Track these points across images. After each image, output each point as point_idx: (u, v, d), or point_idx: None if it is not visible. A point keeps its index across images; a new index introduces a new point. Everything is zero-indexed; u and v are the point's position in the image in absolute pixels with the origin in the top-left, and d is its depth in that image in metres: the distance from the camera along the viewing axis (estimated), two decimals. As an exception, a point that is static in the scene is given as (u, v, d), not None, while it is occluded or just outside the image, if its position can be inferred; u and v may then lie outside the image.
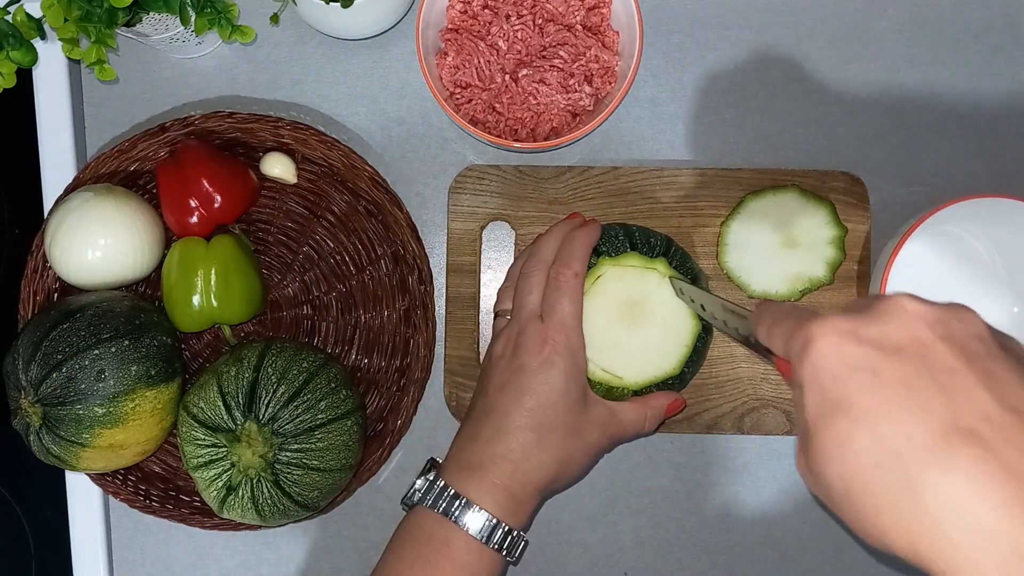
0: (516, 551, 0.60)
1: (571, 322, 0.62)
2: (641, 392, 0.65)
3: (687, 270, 0.67)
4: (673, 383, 0.66)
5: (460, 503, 0.58)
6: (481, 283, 0.74)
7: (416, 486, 0.62)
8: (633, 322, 0.65)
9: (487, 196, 0.74)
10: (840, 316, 0.41)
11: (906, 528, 0.37)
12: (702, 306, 0.63)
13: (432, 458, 0.65)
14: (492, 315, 0.71)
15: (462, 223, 0.74)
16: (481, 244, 0.74)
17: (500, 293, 0.69)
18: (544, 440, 0.60)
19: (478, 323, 0.74)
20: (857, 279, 0.74)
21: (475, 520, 0.58)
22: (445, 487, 0.59)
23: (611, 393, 0.65)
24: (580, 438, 0.61)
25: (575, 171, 0.74)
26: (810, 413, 0.41)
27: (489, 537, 0.58)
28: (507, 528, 0.58)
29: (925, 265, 0.73)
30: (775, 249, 0.72)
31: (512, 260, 0.74)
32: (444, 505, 0.58)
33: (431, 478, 0.61)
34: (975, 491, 0.35)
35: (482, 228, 0.74)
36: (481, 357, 0.74)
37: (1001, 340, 0.40)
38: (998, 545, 0.34)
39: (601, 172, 0.74)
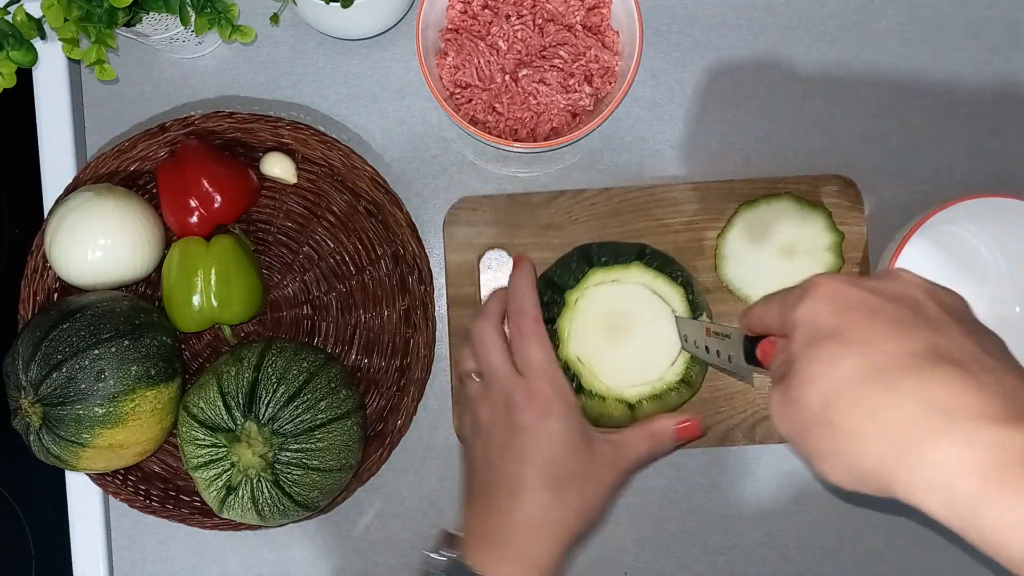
0: None
1: (550, 368, 0.61)
2: (636, 408, 0.66)
3: (672, 271, 0.67)
4: (680, 389, 0.67)
5: None
6: None
7: (439, 565, 0.58)
8: (619, 336, 0.67)
9: (481, 226, 0.74)
10: (841, 274, 0.44)
11: (879, 441, 0.38)
12: (685, 337, 0.64)
13: (447, 532, 0.61)
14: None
15: (459, 255, 0.74)
16: (480, 274, 0.74)
17: (459, 356, 0.66)
18: (559, 497, 0.57)
19: None
20: None
21: None
22: (465, 568, 0.56)
23: (604, 406, 0.66)
24: (593, 482, 0.59)
25: (567, 195, 0.74)
26: (798, 346, 0.43)
27: None
28: None
29: (927, 265, 0.73)
30: (773, 259, 0.72)
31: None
32: None
33: (454, 557, 0.57)
34: (953, 398, 0.37)
35: (479, 258, 0.74)
36: None
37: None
38: (971, 450, 0.36)
39: (594, 194, 0.74)
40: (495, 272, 0.75)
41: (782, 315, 0.46)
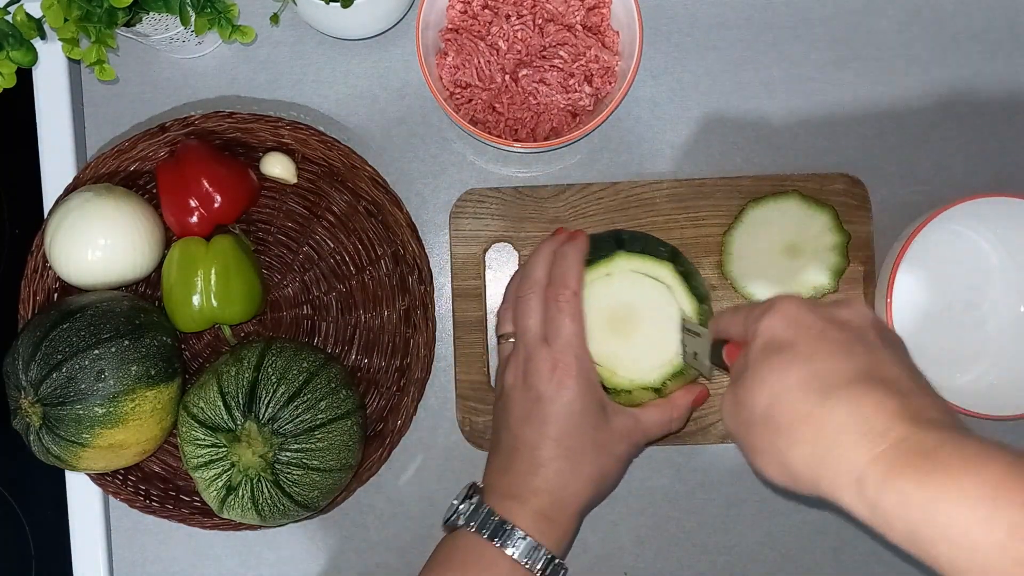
0: None
1: (576, 341, 0.62)
2: (661, 389, 0.65)
3: (655, 251, 0.66)
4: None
5: (506, 528, 0.59)
6: (488, 306, 0.74)
7: (459, 509, 0.61)
8: (626, 329, 0.66)
9: (488, 219, 0.74)
10: (802, 298, 0.51)
11: (809, 442, 0.44)
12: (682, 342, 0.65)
13: (473, 483, 0.64)
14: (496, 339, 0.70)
15: (465, 247, 0.74)
16: (485, 267, 0.74)
17: (500, 315, 0.68)
18: (576, 466, 0.60)
19: (487, 346, 0.74)
20: (863, 281, 0.73)
21: (520, 545, 0.58)
22: (491, 512, 0.59)
23: (631, 397, 0.65)
24: (609, 453, 0.62)
25: (574, 189, 0.74)
26: (754, 353, 0.49)
27: (532, 563, 0.58)
28: (550, 556, 0.59)
29: (931, 265, 0.73)
30: (778, 258, 0.72)
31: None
32: (490, 530, 0.59)
33: (475, 502, 0.61)
34: (876, 410, 0.43)
35: (485, 251, 0.74)
36: (492, 379, 0.74)
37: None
38: (880, 447, 0.42)
39: (600, 188, 0.74)
40: (495, 272, 0.75)
41: (746, 325, 0.51)
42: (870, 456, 0.42)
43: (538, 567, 0.59)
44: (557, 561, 0.60)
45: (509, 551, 0.58)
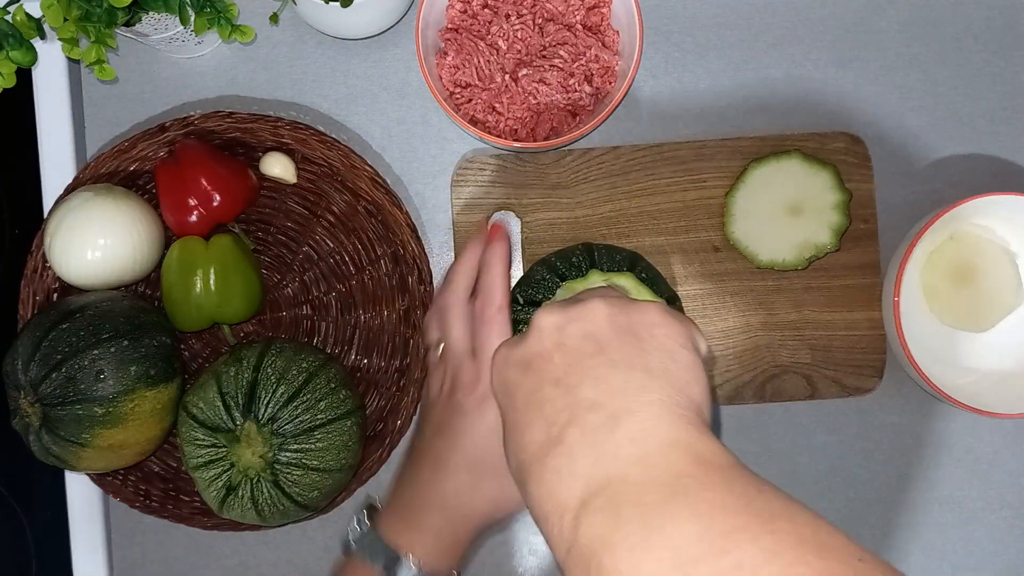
0: None
1: None
2: None
3: (657, 288, 0.66)
4: None
5: (396, 558, 0.58)
6: None
7: (354, 532, 0.61)
8: None
9: (489, 186, 0.74)
10: (505, 342, 0.51)
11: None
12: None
13: (370, 500, 0.64)
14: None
15: (467, 215, 0.74)
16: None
17: (426, 323, 0.67)
18: (478, 482, 0.59)
19: None
20: (865, 239, 0.74)
21: (406, 571, 0.58)
22: (379, 541, 0.59)
23: None
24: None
25: (575, 154, 0.74)
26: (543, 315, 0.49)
27: None
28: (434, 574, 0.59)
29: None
30: (781, 217, 0.72)
31: (519, 249, 0.74)
32: (383, 560, 0.58)
33: (366, 529, 0.61)
34: (559, 483, 0.42)
35: (487, 219, 0.74)
36: None
37: (625, 321, 0.47)
38: (566, 507, 0.41)
39: (602, 153, 0.74)
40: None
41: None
42: (560, 557, 0.40)
43: None
44: (450, 573, 0.59)
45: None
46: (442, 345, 0.64)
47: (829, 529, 0.36)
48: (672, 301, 0.67)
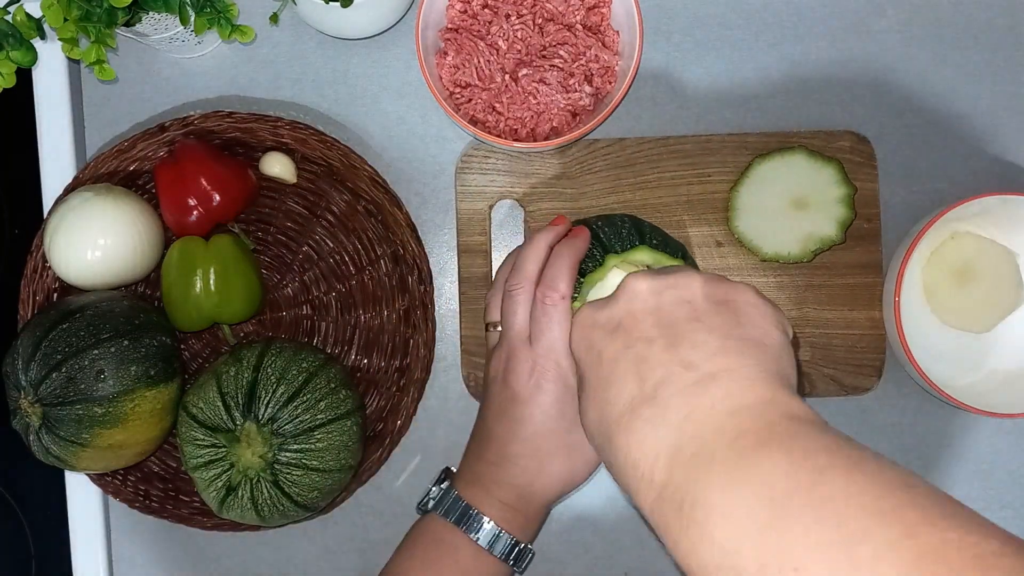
0: (523, 562, 0.62)
1: (559, 345, 0.61)
2: None
3: (671, 249, 0.65)
4: None
5: (471, 514, 0.60)
6: (493, 262, 0.75)
7: (431, 494, 0.64)
8: None
9: (494, 175, 0.74)
10: (590, 303, 0.53)
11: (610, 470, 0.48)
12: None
13: (447, 468, 0.66)
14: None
15: (470, 203, 0.74)
16: (491, 223, 0.75)
17: (488, 302, 0.67)
18: (544, 465, 0.61)
19: None
20: (868, 238, 0.74)
21: (484, 531, 0.60)
22: (458, 498, 0.61)
23: None
24: (581, 454, 0.62)
25: (580, 145, 0.74)
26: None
27: (495, 547, 0.60)
28: (514, 540, 0.61)
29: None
30: (785, 211, 0.72)
31: (521, 238, 0.75)
32: (456, 515, 0.61)
33: (444, 488, 0.63)
34: (650, 432, 0.44)
35: (491, 207, 0.75)
36: None
37: (721, 295, 0.49)
38: (658, 454, 0.43)
39: (607, 144, 0.74)
40: (498, 228, 0.74)
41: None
42: (647, 504, 0.43)
43: (502, 550, 0.60)
44: (522, 546, 0.61)
45: (473, 536, 0.60)
46: (499, 328, 0.65)
47: (914, 477, 0.38)
48: (686, 259, 0.65)
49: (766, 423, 0.41)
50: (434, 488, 0.64)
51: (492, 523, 0.60)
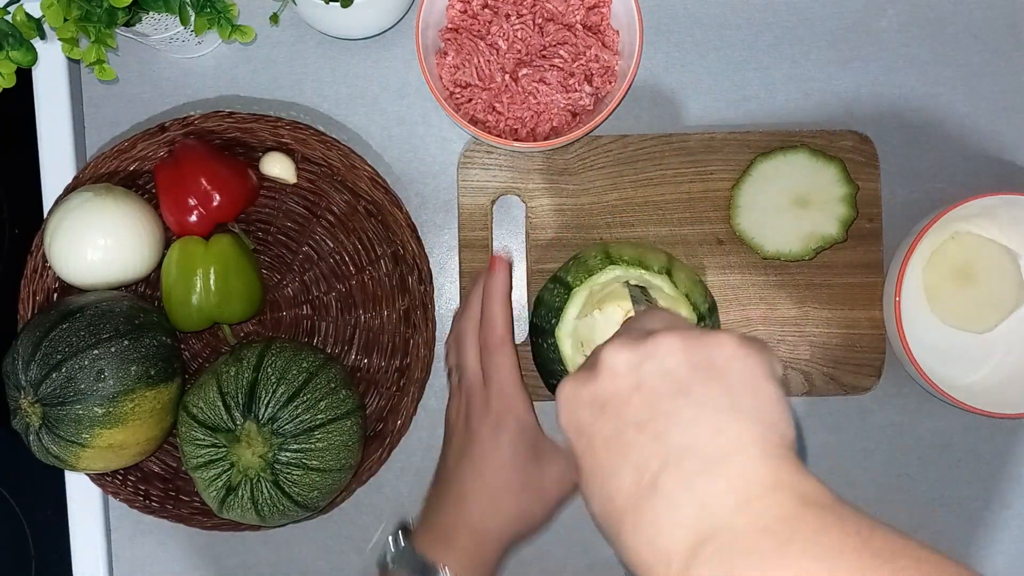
0: None
1: (509, 386, 0.64)
2: None
3: (694, 297, 0.65)
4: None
5: (431, 567, 0.61)
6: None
7: (390, 550, 0.64)
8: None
9: (496, 170, 0.74)
10: (572, 378, 0.47)
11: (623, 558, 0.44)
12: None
13: (403, 522, 0.67)
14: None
15: (472, 198, 0.74)
16: (492, 218, 0.75)
17: (447, 347, 0.70)
18: (499, 503, 0.62)
19: None
20: (870, 238, 0.74)
21: None
22: (416, 555, 0.62)
23: None
24: (536, 494, 0.64)
25: (583, 140, 0.74)
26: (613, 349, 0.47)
27: None
28: None
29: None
30: (787, 209, 0.72)
31: (523, 235, 0.75)
32: (419, 573, 0.61)
33: (403, 545, 0.63)
34: (660, 532, 0.41)
35: (492, 202, 0.75)
36: None
37: (703, 359, 0.44)
38: (672, 557, 0.40)
39: (609, 141, 0.74)
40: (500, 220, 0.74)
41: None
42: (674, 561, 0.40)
43: None
44: None
45: None
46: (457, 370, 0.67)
47: (951, 564, 0.37)
48: (713, 310, 0.66)
49: (781, 520, 0.38)
50: (391, 542, 0.64)
51: (450, 574, 0.60)
